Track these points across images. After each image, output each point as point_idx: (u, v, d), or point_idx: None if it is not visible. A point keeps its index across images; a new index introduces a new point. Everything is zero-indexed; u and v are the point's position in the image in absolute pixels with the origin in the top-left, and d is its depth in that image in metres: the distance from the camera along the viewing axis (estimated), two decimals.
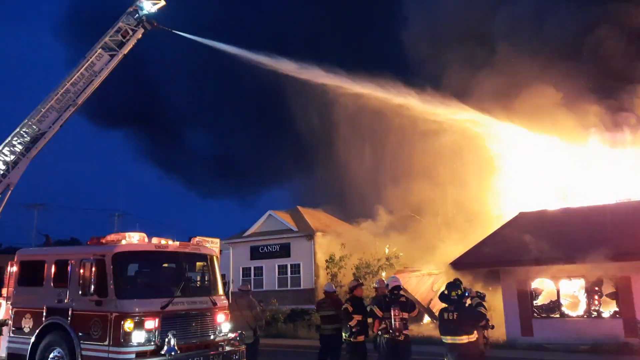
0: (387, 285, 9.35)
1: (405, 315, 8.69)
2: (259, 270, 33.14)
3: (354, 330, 9.52)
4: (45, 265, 9.83)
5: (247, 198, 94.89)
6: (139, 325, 8.44)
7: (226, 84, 42.17)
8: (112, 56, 17.18)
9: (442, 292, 8.14)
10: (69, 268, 9.26)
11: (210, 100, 46.49)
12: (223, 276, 11.18)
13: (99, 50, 17.03)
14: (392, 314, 8.58)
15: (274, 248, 32.93)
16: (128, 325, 8.38)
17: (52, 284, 9.55)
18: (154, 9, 17.52)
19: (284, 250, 32.56)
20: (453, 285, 8.08)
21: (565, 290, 16.21)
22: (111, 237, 9.65)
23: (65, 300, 9.16)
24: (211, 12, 39.01)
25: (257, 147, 47.30)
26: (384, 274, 23.67)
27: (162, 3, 17.56)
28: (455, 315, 7.80)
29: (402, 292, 9.18)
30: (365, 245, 26.31)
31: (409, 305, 8.93)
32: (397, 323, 8.53)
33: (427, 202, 24.97)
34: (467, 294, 8.61)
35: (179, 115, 51.80)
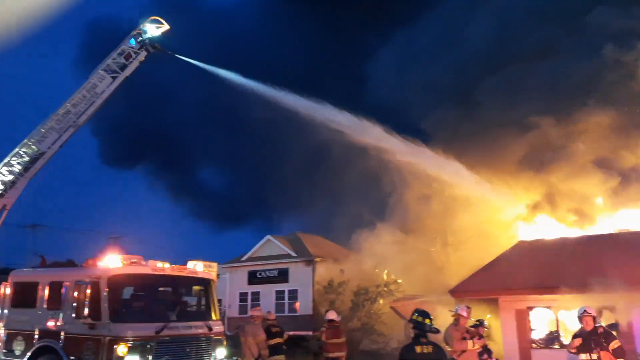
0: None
1: None
2: (256, 295, 32.83)
3: None
4: (39, 287, 9.75)
5: (246, 223, 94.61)
6: (132, 350, 8.34)
7: (222, 112, 42.76)
8: (114, 78, 17.32)
9: (417, 320, 6.61)
10: (63, 290, 9.18)
11: (209, 127, 47.01)
12: (220, 301, 11.09)
13: (101, 72, 17.19)
14: None
15: (272, 273, 32.69)
16: (121, 349, 8.28)
17: (45, 306, 9.46)
18: (157, 32, 17.74)
19: (282, 276, 32.31)
20: (425, 312, 6.70)
21: (564, 320, 16.03)
22: (107, 260, 9.57)
23: (58, 323, 9.05)
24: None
25: (257, 174, 47.58)
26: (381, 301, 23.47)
27: (166, 27, 17.78)
28: (430, 349, 6.40)
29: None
30: (365, 271, 26.12)
31: None
32: None
33: (429, 228, 24.97)
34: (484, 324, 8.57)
35: (179, 141, 52.17)
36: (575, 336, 8.62)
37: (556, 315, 15.99)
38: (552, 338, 16.03)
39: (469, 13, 26.64)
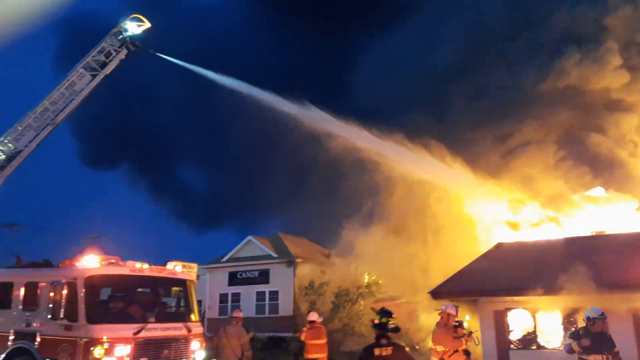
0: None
1: None
2: (236, 297, 32.63)
3: None
4: (14, 288, 9.57)
5: (228, 224, 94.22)
6: (109, 351, 8.23)
7: (203, 112, 42.59)
8: (94, 76, 17.10)
9: (378, 321, 6.35)
10: (39, 291, 9.02)
11: (190, 128, 46.76)
12: (199, 302, 11.00)
13: (81, 70, 16.98)
14: None
15: (253, 274, 32.53)
16: (98, 351, 8.16)
17: (20, 307, 9.29)
18: (138, 30, 17.58)
19: (263, 277, 32.16)
20: (387, 312, 6.37)
21: (542, 321, 16.23)
22: (84, 260, 9.43)
23: (34, 324, 8.89)
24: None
25: (239, 175, 47.45)
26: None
27: (147, 25, 17.63)
28: (390, 350, 6.07)
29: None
30: (346, 272, 26.14)
31: None
32: None
33: (412, 229, 25.11)
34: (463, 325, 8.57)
35: (160, 142, 51.82)
36: (581, 336, 8.58)
37: (533, 317, 16.19)
38: (530, 339, 16.23)
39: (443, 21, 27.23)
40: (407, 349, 6.52)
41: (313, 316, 12.48)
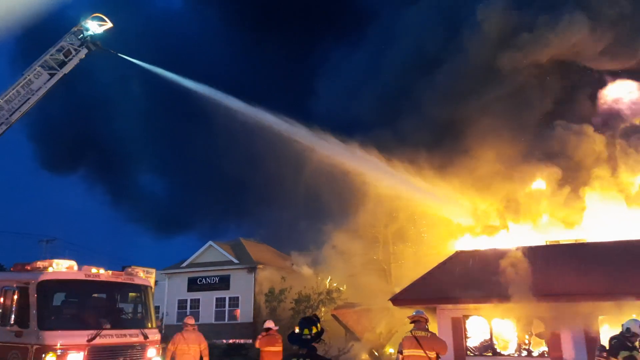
0: None
1: None
2: (195, 303, 32.17)
3: None
4: None
5: (191, 229, 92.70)
6: (61, 359, 7.98)
7: (164, 116, 42.12)
8: (51, 75, 16.62)
9: (292, 331, 5.87)
10: None
11: (150, 132, 46.13)
12: (157, 308, 10.80)
13: (38, 69, 16.46)
14: None
15: (213, 280, 32.14)
16: (50, 358, 7.92)
17: None
18: (99, 30, 17.19)
19: (224, 283, 31.82)
20: (308, 320, 5.81)
21: (497, 328, 16.60)
22: (37, 264, 9.15)
23: None
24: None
25: (201, 181, 46.96)
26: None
27: (109, 25, 17.26)
28: None
29: None
30: (307, 279, 26.16)
31: None
32: None
33: (374, 237, 25.39)
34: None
35: (119, 146, 50.76)
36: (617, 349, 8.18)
37: (490, 324, 16.54)
38: (486, 346, 16.57)
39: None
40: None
41: (269, 324, 12.47)
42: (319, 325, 5.75)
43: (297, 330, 5.76)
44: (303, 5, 44.59)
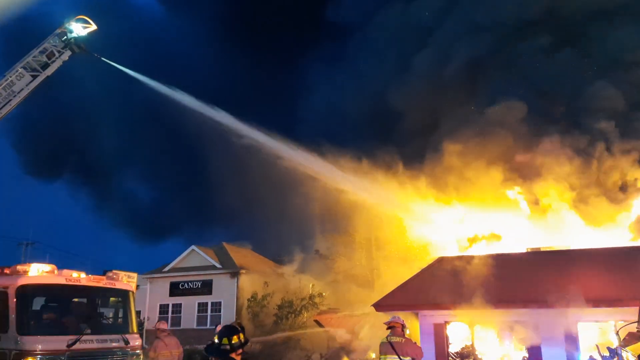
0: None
1: None
2: (177, 308, 31.93)
3: None
4: None
5: (174, 234, 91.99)
6: None
7: (148, 121, 41.97)
8: (34, 77, 16.43)
9: (210, 342, 5.44)
10: None
11: (134, 138, 45.92)
12: (138, 313, 10.71)
13: (20, 70, 16.26)
14: None
15: (196, 285, 31.93)
16: None
17: None
18: (84, 32, 17.04)
19: (206, 287, 31.63)
20: (229, 329, 5.37)
21: (479, 335, 16.74)
22: (17, 268, 9.03)
23: None
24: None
25: (184, 185, 46.75)
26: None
27: (94, 27, 17.12)
28: None
29: None
30: (290, 284, 26.14)
31: None
32: None
33: (357, 243, 25.47)
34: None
35: (103, 151, 50.35)
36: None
37: (472, 330, 16.67)
38: (468, 352, 16.68)
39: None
40: None
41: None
42: (242, 335, 5.31)
43: (216, 340, 5.33)
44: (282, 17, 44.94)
